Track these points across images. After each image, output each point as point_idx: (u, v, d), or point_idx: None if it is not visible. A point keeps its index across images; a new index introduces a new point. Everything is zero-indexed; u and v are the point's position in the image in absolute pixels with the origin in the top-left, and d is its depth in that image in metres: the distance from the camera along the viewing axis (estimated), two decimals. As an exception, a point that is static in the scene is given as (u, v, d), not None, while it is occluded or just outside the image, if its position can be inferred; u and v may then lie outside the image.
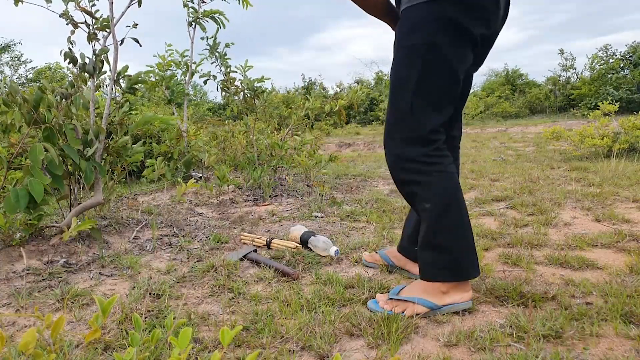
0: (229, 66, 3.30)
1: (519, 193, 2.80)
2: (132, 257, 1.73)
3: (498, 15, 1.22)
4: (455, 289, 1.20)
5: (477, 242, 1.82)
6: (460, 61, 1.18)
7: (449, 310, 1.21)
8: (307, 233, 1.83)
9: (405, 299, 1.21)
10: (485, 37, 1.22)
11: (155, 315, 1.22)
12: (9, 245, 1.72)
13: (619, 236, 1.79)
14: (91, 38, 1.89)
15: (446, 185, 1.20)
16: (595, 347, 1.00)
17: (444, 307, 1.20)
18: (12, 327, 1.20)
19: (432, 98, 1.18)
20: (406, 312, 1.19)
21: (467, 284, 1.22)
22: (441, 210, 1.19)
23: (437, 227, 1.20)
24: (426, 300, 1.20)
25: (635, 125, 4.39)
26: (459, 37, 1.15)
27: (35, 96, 1.65)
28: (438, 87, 1.18)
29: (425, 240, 1.22)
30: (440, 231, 1.20)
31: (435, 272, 1.21)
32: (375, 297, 1.31)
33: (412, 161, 1.20)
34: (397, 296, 1.24)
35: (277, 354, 1.01)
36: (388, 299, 1.25)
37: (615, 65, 13.88)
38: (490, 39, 1.27)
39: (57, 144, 1.72)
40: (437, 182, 1.19)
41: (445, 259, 1.19)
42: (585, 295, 1.27)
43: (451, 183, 1.21)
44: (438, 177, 1.19)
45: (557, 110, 14.67)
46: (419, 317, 1.19)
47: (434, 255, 1.21)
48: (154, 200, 2.92)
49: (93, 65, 1.86)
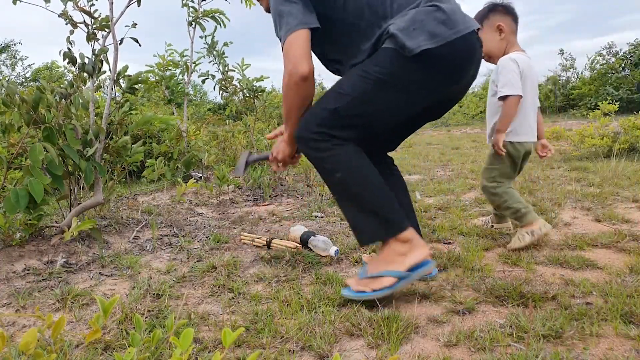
0: (226, 65, 3.30)
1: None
2: (132, 257, 1.73)
3: (468, 73, 1.31)
4: (410, 249, 1.26)
5: (477, 242, 1.82)
6: (403, 111, 1.32)
7: (416, 276, 1.26)
8: (307, 233, 1.83)
9: (373, 275, 1.27)
10: (449, 93, 1.37)
11: (156, 315, 1.22)
12: (9, 245, 1.72)
13: (618, 236, 1.79)
14: (90, 38, 1.89)
15: (350, 153, 1.28)
16: (595, 347, 1.00)
17: (411, 273, 1.25)
18: (12, 327, 1.20)
19: (356, 120, 1.28)
20: (375, 285, 1.25)
21: (418, 240, 1.28)
22: (353, 176, 1.27)
23: (356, 192, 1.28)
24: (391, 271, 1.25)
25: (635, 125, 4.39)
26: (417, 93, 1.28)
27: (35, 96, 1.65)
28: (368, 115, 1.28)
29: (350, 207, 1.31)
30: (360, 195, 1.28)
31: (370, 234, 1.29)
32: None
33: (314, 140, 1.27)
34: (366, 275, 1.29)
35: (277, 354, 1.01)
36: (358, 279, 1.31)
37: (616, 64, 13.88)
38: (456, 94, 1.42)
39: (57, 144, 1.72)
40: (340, 153, 1.27)
41: (374, 219, 1.28)
42: (585, 295, 1.27)
43: (354, 152, 1.29)
44: (340, 149, 1.27)
45: (557, 110, 14.66)
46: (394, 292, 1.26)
47: (363, 218, 1.29)
48: (154, 200, 2.92)
49: (92, 65, 1.86)
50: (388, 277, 1.24)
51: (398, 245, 1.27)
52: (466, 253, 1.67)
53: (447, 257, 1.62)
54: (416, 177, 3.85)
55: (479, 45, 1.30)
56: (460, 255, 1.63)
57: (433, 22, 1.20)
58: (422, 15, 1.21)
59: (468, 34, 1.23)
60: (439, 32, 1.19)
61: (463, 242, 1.83)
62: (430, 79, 1.25)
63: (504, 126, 1.75)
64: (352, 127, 1.28)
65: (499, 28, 1.80)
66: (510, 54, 1.79)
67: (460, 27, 1.21)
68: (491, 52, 1.83)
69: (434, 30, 1.19)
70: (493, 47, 1.82)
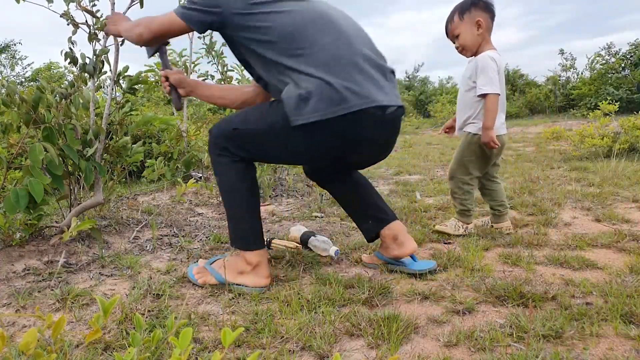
0: (225, 65, 3.29)
1: (519, 193, 2.80)
2: (132, 257, 1.73)
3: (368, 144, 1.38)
4: (251, 274, 1.40)
5: (477, 242, 1.82)
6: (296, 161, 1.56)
7: (237, 290, 1.39)
8: (307, 233, 1.83)
9: (208, 269, 1.44)
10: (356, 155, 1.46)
11: (156, 315, 1.22)
12: (9, 245, 1.72)
13: (619, 236, 1.79)
14: (92, 38, 1.88)
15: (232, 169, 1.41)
16: (595, 347, 1.00)
17: (234, 285, 1.40)
18: (12, 327, 1.20)
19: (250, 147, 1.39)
20: (199, 281, 1.43)
21: (265, 274, 1.41)
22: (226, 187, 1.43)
23: (226, 199, 1.44)
24: (219, 275, 1.41)
25: (635, 125, 4.39)
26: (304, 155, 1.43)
27: (34, 96, 1.65)
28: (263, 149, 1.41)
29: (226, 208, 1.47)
30: (227, 204, 1.44)
31: (233, 239, 1.45)
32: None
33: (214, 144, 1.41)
34: (209, 267, 1.46)
35: (277, 354, 1.01)
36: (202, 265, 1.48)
37: (616, 64, 13.88)
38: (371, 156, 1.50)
39: (57, 144, 1.72)
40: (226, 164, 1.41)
41: (233, 228, 1.45)
42: (585, 295, 1.27)
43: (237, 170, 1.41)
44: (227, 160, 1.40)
45: (557, 110, 14.66)
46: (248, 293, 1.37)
47: (231, 225, 1.46)
48: (154, 200, 2.92)
49: (93, 65, 1.85)
50: (212, 277, 1.43)
51: (242, 262, 1.42)
52: (466, 253, 1.67)
53: (447, 257, 1.62)
54: (416, 177, 3.85)
55: (382, 118, 1.30)
56: (460, 255, 1.63)
57: (319, 97, 1.22)
58: (312, 86, 1.23)
59: (361, 110, 1.24)
60: (321, 107, 1.22)
61: (463, 242, 1.84)
62: (314, 149, 1.35)
63: (492, 122, 1.84)
64: (246, 150, 1.39)
65: (478, 23, 1.86)
66: (488, 52, 1.86)
67: (352, 103, 1.23)
68: (466, 44, 1.91)
69: (316, 106, 1.22)
70: (469, 40, 1.89)
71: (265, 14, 1.31)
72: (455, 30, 1.91)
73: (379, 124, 1.31)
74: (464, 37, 1.89)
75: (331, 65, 1.25)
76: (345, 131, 1.27)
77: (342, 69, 1.25)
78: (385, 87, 1.32)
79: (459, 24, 1.90)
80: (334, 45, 1.28)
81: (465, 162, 1.95)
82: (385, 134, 1.39)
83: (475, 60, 1.87)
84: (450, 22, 1.93)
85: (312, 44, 1.27)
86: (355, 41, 1.33)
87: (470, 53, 1.93)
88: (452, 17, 1.92)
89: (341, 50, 1.28)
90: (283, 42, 1.29)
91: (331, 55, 1.26)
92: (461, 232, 1.96)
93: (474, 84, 1.87)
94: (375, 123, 1.30)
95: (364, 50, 1.33)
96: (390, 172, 4.14)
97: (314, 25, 1.30)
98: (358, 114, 1.24)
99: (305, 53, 1.27)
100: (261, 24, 1.31)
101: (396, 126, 1.40)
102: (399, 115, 1.37)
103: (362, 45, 1.34)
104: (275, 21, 1.30)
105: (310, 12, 1.33)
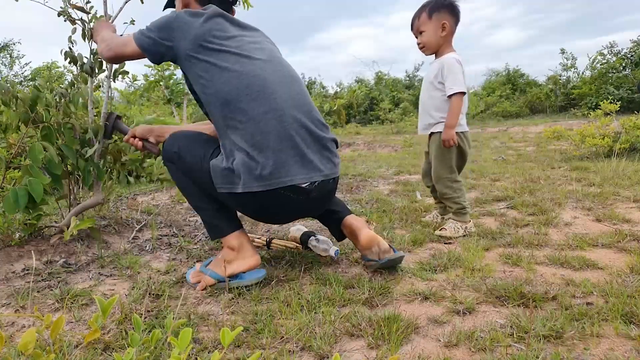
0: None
1: (520, 193, 2.79)
2: (131, 257, 1.73)
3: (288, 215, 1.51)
4: (236, 258, 1.42)
5: (478, 242, 1.82)
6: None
7: (237, 284, 1.39)
8: (307, 233, 1.83)
9: (203, 271, 1.45)
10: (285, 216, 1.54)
11: (155, 316, 1.22)
12: (8, 245, 1.72)
13: (619, 236, 1.79)
14: (86, 35, 1.87)
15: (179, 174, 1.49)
16: (596, 347, 1.00)
17: (232, 281, 1.40)
18: (12, 327, 1.19)
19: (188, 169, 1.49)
20: (199, 287, 1.42)
21: (250, 253, 1.44)
22: (183, 190, 1.52)
23: (190, 201, 1.53)
24: (215, 273, 1.42)
25: (636, 125, 4.38)
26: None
27: (32, 95, 1.64)
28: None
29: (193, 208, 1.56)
30: (191, 203, 1.53)
31: (208, 231, 1.52)
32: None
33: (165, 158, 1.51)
34: (204, 269, 1.46)
35: (277, 354, 1.01)
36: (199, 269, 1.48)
37: (616, 64, 13.86)
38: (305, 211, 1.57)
39: (56, 144, 1.72)
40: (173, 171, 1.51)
41: (207, 221, 1.50)
42: (585, 296, 1.27)
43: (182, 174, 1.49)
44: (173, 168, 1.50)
45: (557, 109, 14.63)
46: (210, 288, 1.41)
47: (202, 220, 1.53)
48: (153, 200, 2.92)
49: (91, 64, 1.85)
50: (209, 278, 1.42)
51: (227, 252, 1.45)
52: (466, 253, 1.66)
53: (448, 257, 1.61)
54: (416, 176, 3.85)
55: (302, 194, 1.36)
56: (460, 255, 1.63)
57: (242, 170, 1.30)
58: (238, 160, 1.31)
59: (280, 188, 1.31)
60: (243, 180, 1.30)
61: (463, 242, 1.83)
62: (238, 208, 1.46)
63: (455, 120, 1.92)
64: (185, 167, 1.47)
65: (444, 26, 1.93)
66: (452, 54, 1.95)
67: (274, 180, 1.30)
68: (429, 44, 1.98)
69: (237, 179, 1.31)
70: (432, 40, 1.97)
71: (208, 65, 1.35)
72: (421, 27, 1.97)
73: (299, 200, 1.37)
74: (427, 35, 1.96)
75: (259, 141, 1.31)
76: (265, 203, 1.36)
77: (268, 145, 1.30)
78: (315, 161, 1.36)
79: (426, 22, 1.95)
80: (264, 118, 1.32)
81: (447, 161, 2.00)
82: (309, 206, 1.45)
83: (441, 61, 1.94)
84: (417, 17, 1.98)
85: (243, 117, 1.32)
86: (289, 112, 1.35)
87: (430, 52, 2.01)
88: (420, 13, 1.98)
89: (269, 126, 1.32)
90: (220, 106, 1.35)
91: (260, 130, 1.31)
92: (461, 234, 1.96)
93: (441, 85, 1.95)
94: (296, 199, 1.37)
95: (299, 121, 1.36)
96: (390, 172, 4.14)
97: (249, 93, 1.33)
98: (277, 192, 1.32)
99: (238, 127, 1.33)
100: (203, 74, 1.36)
101: (324, 197, 1.46)
102: (329, 188, 1.45)
103: (300, 114, 1.37)
104: (214, 78, 1.35)
105: (247, 75, 1.35)
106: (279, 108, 1.34)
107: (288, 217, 1.57)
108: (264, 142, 1.30)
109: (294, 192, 1.35)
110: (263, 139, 1.30)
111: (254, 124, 1.31)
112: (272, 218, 1.56)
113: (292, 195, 1.35)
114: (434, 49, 1.99)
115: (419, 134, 2.14)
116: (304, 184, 1.34)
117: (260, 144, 1.30)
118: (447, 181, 2.01)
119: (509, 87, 16.58)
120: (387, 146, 7.39)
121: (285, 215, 1.52)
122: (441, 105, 1.97)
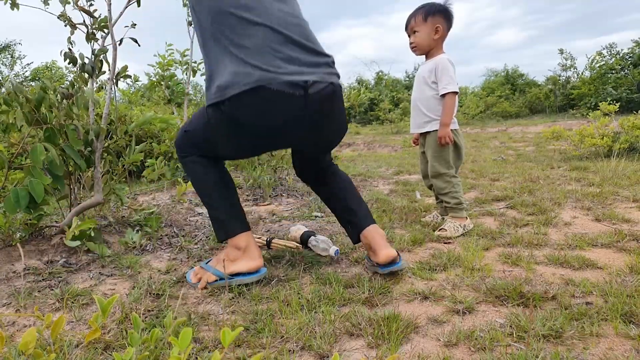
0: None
1: (519, 193, 2.80)
2: (132, 257, 1.73)
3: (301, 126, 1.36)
4: (243, 259, 1.42)
5: (477, 241, 1.82)
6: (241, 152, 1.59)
7: (237, 282, 1.40)
8: (307, 233, 1.83)
9: (205, 267, 1.46)
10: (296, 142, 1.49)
11: (155, 315, 1.22)
12: (9, 245, 1.72)
13: (619, 236, 1.79)
14: (90, 38, 1.88)
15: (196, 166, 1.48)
16: (595, 347, 1.00)
17: (233, 279, 1.41)
18: (12, 327, 1.20)
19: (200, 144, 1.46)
20: (200, 284, 1.42)
21: (256, 255, 1.44)
22: (197, 184, 1.49)
23: (202, 196, 1.50)
24: (216, 270, 1.42)
25: (635, 125, 4.39)
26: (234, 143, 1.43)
27: (38, 96, 1.64)
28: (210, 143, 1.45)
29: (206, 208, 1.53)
30: (204, 200, 1.50)
31: (217, 230, 1.49)
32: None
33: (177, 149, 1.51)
34: (205, 265, 1.47)
35: (277, 354, 1.01)
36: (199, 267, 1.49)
37: (615, 64, 13.87)
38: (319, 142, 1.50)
39: (58, 144, 1.72)
40: (189, 164, 1.49)
41: (215, 221, 1.49)
42: (585, 295, 1.27)
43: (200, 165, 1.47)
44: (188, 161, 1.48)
45: (557, 110, 14.65)
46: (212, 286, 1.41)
47: (212, 219, 1.51)
48: (154, 200, 2.92)
49: (92, 65, 1.85)
50: (211, 274, 1.43)
51: (232, 251, 1.44)
52: (466, 253, 1.67)
53: (447, 256, 1.62)
54: (416, 176, 3.85)
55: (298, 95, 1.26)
56: (460, 255, 1.63)
57: (233, 79, 1.25)
58: (229, 68, 1.26)
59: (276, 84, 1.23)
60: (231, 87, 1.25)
61: (463, 242, 1.84)
62: (235, 132, 1.35)
63: (450, 118, 1.98)
64: (199, 147, 1.46)
65: (437, 29, 1.99)
66: (444, 55, 2.01)
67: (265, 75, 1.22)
68: (421, 44, 2.03)
69: (223, 94, 1.26)
70: (424, 41, 2.02)
71: None
72: (415, 27, 2.03)
73: (298, 100, 1.27)
74: (421, 36, 2.02)
75: (250, 50, 1.26)
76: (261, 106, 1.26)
77: (259, 52, 1.26)
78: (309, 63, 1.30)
79: (420, 23, 2.01)
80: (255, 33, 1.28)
81: (445, 156, 2.04)
82: (311, 115, 1.32)
83: (435, 61, 2.00)
84: (413, 17, 2.03)
85: (234, 33, 1.28)
86: (281, 30, 1.30)
87: (420, 52, 2.07)
88: (416, 14, 2.02)
89: (260, 37, 1.28)
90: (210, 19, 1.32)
91: (252, 43, 1.27)
92: (461, 232, 1.97)
93: (434, 84, 2.01)
94: (293, 99, 1.26)
95: (288, 35, 1.30)
96: (390, 171, 4.14)
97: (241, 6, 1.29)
98: (271, 90, 1.23)
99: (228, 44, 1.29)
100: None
101: (325, 105, 1.33)
102: (328, 92, 1.31)
103: (291, 32, 1.32)
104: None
105: None
106: (271, 23, 1.30)
107: (291, 133, 1.37)
108: (255, 51, 1.26)
109: (290, 87, 1.24)
110: (255, 49, 1.26)
111: (246, 37, 1.27)
112: (272, 136, 1.38)
113: (288, 91, 1.24)
114: (424, 49, 2.05)
115: (412, 132, 2.19)
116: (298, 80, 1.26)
117: (251, 53, 1.26)
118: (446, 176, 2.05)
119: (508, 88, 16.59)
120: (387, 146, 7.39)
121: (287, 131, 1.35)
122: (434, 104, 2.02)
